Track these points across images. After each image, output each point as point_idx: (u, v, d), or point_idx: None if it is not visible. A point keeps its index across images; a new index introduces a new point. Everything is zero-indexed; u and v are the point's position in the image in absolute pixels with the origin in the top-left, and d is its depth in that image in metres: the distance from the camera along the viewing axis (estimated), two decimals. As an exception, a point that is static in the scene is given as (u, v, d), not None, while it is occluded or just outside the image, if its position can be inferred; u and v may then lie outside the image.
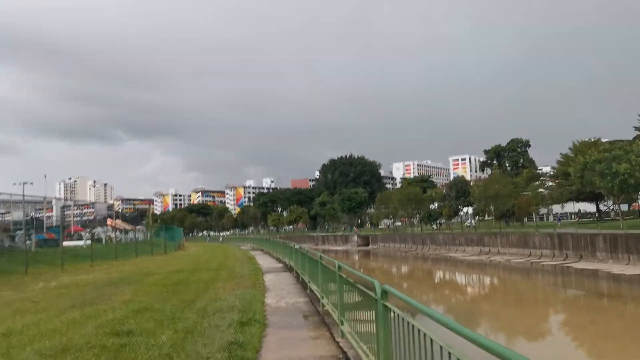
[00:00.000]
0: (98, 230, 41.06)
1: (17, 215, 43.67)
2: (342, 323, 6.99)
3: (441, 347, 2.97)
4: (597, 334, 20.68)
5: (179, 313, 9.33)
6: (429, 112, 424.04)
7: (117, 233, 42.35)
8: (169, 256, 33.99)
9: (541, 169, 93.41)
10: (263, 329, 7.92)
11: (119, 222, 51.08)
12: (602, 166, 44.70)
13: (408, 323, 3.67)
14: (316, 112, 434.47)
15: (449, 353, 2.81)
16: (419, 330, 3.41)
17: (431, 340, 3.14)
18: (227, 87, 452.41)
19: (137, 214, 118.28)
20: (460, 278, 44.92)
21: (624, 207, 74.16)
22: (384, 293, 4.39)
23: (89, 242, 33.48)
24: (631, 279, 33.36)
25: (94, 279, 17.48)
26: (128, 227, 48.11)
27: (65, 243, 33.87)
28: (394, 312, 4.12)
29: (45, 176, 53.33)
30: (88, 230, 40.60)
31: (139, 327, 7.97)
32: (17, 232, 28.83)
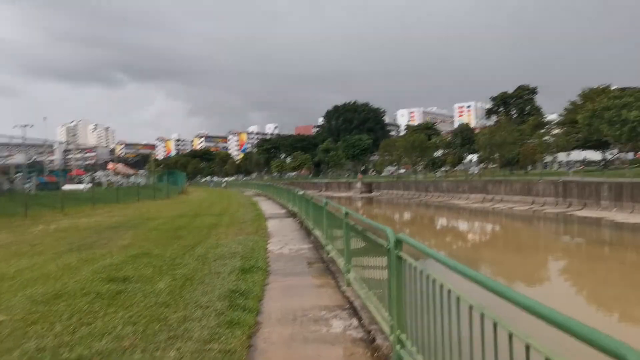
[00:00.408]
0: (99, 174, 40.81)
1: (19, 158, 43.47)
2: (348, 271, 6.63)
3: (458, 299, 2.80)
4: (596, 280, 20.69)
5: (179, 259, 9.01)
6: (434, 59, 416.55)
7: (119, 177, 42.13)
8: (171, 200, 33.80)
9: (547, 117, 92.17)
10: (266, 277, 7.59)
11: (120, 166, 50.81)
12: (611, 113, 43.76)
13: (428, 276, 3.29)
14: (321, 58, 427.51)
15: (470, 305, 2.61)
16: (441, 284, 3.06)
17: (449, 292, 2.91)
18: (231, 31, 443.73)
19: (140, 159, 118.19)
20: (462, 225, 44.90)
21: (629, 155, 73.51)
22: (398, 242, 3.92)
23: (89, 185, 33.28)
24: (634, 227, 33.22)
25: (95, 223, 17.24)
26: (130, 171, 47.87)
27: (66, 187, 33.70)
28: (409, 264, 3.71)
29: (44, 119, 52.44)
30: (89, 174, 40.38)
31: (137, 273, 7.66)
32: (18, 174, 28.54)
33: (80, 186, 33.44)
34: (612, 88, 61.99)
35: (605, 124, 44.67)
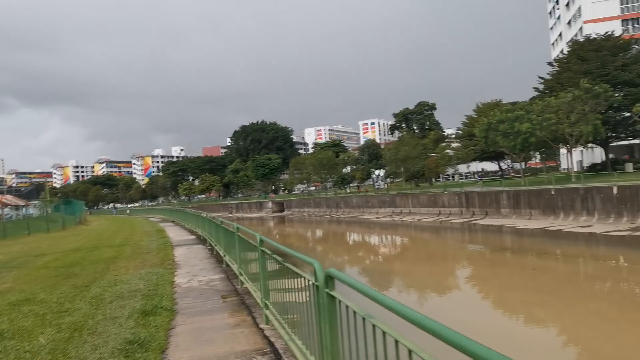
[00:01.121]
0: (-17, 207, 36.83)
1: None
2: (266, 306, 5.87)
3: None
4: (500, 285, 21.44)
5: (68, 303, 7.76)
6: (337, 77, 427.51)
7: (7, 210, 38.26)
8: (67, 232, 31.04)
9: (446, 131, 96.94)
10: (171, 318, 6.61)
11: (9, 198, 46.33)
12: (505, 126, 46.44)
13: (364, 319, 2.73)
14: (225, 77, 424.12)
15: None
16: (383, 332, 2.52)
17: (395, 341, 2.33)
18: (130, 52, 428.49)
19: (34, 188, 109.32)
20: (373, 239, 45.49)
21: (522, 165, 78.86)
22: (329, 279, 3.21)
23: (-29, 221, 29.81)
24: (533, 232, 35.19)
25: (-28, 265, 15.08)
26: (20, 202, 43.74)
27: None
28: (345, 305, 3.02)
29: None
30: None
31: (12, 326, 6.39)
32: None
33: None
34: (504, 102, 66.31)
35: (500, 136, 47.29)
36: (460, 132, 71.48)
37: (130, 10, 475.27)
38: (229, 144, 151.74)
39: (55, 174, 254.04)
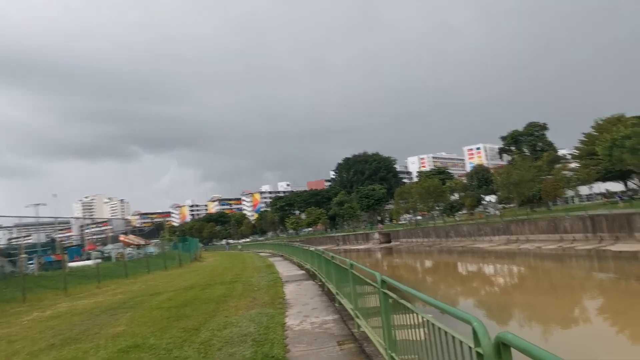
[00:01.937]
0: (109, 247, 39.36)
1: (37, 237, 42.31)
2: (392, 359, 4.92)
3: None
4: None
5: (177, 350, 7.31)
6: (440, 103, 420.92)
7: (130, 249, 40.64)
8: (183, 269, 32.08)
9: (560, 152, 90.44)
10: (283, 370, 5.87)
11: (131, 237, 49.43)
12: (633, 141, 42.06)
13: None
14: (328, 113, 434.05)
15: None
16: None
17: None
18: (239, 96, 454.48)
19: (154, 228, 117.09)
20: (488, 269, 42.55)
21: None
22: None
23: (99, 260, 31.77)
24: (675, 258, 30.95)
25: (94, 304, 15.59)
26: (142, 241, 46.44)
27: (73, 263, 32.22)
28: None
29: (54, 196, 51.74)
30: (97, 248, 39.01)
31: (119, 378, 5.98)
32: (22, 255, 27.16)
33: (89, 262, 31.92)
34: (627, 117, 60.52)
35: (628, 153, 42.87)
36: (578, 152, 66.03)
37: (239, 64, 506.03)
38: (333, 176, 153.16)
39: (173, 213, 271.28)
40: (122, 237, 49.47)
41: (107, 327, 10.39)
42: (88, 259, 32.06)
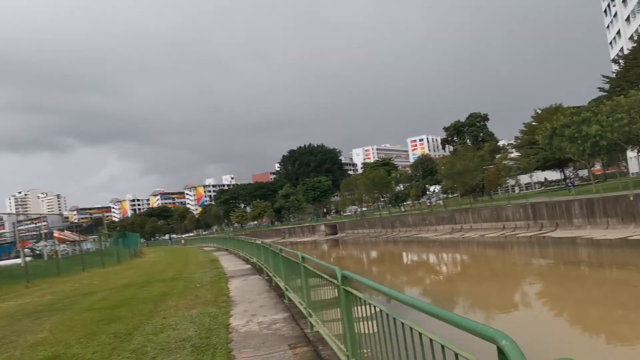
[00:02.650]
0: (41, 244, 36.87)
1: None
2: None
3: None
4: (580, 302, 19.01)
5: (103, 361, 6.31)
6: (384, 95, 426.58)
7: (64, 246, 38.23)
8: (122, 266, 30.36)
9: (500, 142, 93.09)
10: (228, 383, 5.02)
11: (67, 233, 46.66)
12: (572, 130, 43.32)
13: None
14: (271, 105, 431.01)
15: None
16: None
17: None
18: (179, 88, 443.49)
19: (93, 223, 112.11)
20: (433, 258, 42.99)
21: (584, 172, 74.19)
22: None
23: (29, 258, 29.54)
24: (612, 243, 32.02)
25: (18, 307, 14.11)
26: (77, 237, 43.87)
27: (1, 262, 29.92)
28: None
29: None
30: (29, 245, 36.48)
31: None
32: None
33: (18, 260, 29.60)
34: (565, 107, 62.68)
35: (567, 142, 44.17)
36: (519, 141, 67.99)
37: (176, 47, 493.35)
38: (278, 169, 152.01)
39: (114, 208, 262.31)
40: (56, 233, 46.60)
41: (27, 333, 9.16)
42: (17, 257, 29.70)
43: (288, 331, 7.23)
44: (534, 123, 63.47)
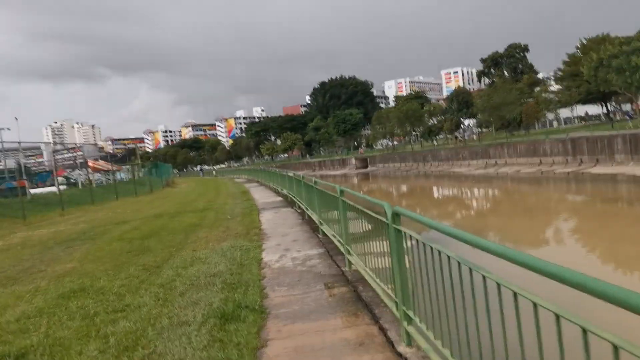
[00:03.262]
0: (76, 172, 37.42)
1: (8, 163, 39.78)
2: (407, 319, 3.64)
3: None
4: (616, 240, 18.21)
5: (130, 296, 5.97)
6: (416, 26, 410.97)
7: (98, 175, 38.79)
8: (154, 196, 30.61)
9: (540, 75, 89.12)
10: (260, 326, 4.55)
11: (101, 163, 47.35)
12: (620, 61, 40.72)
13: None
14: (304, 37, 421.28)
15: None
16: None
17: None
18: (210, 18, 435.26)
19: (126, 154, 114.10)
20: (465, 193, 42.14)
21: (626, 107, 70.67)
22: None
23: (63, 187, 30.01)
24: (656, 179, 30.69)
25: (52, 234, 14.14)
26: (111, 167, 44.44)
27: (37, 190, 30.45)
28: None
29: (16, 119, 48.91)
30: (64, 174, 37.05)
31: (47, 339, 4.62)
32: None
33: (53, 188, 30.07)
34: (612, 36, 58.84)
35: (613, 73, 41.67)
36: (561, 73, 64.70)
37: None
38: (309, 102, 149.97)
39: (147, 139, 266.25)
40: (90, 163, 47.28)
41: (57, 263, 9.00)
42: (52, 185, 30.15)
43: (324, 268, 6.75)
44: (578, 54, 60.03)
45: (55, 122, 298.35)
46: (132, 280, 6.83)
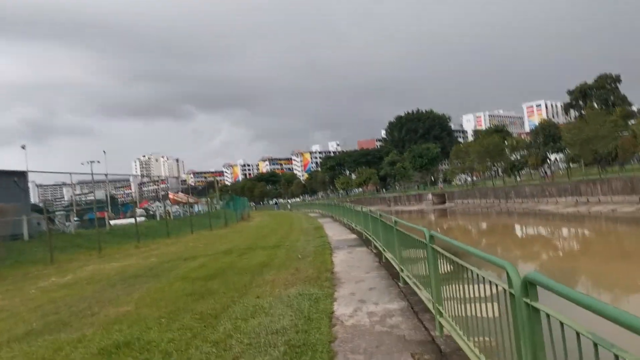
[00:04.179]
0: (155, 205, 38.27)
1: (98, 194, 41.94)
2: None
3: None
4: None
5: (177, 354, 5.05)
6: (496, 58, 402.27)
7: (176, 207, 39.46)
8: (228, 230, 30.41)
9: (634, 107, 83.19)
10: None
11: (180, 195, 48.48)
12: None
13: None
14: (379, 69, 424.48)
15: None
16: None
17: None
18: (290, 53, 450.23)
19: (206, 186, 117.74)
20: (553, 233, 38.86)
21: None
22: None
23: (142, 219, 30.54)
24: None
25: (120, 269, 13.80)
26: (190, 199, 45.33)
27: (118, 221, 31.18)
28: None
29: (104, 152, 51.66)
30: (145, 206, 37.99)
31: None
32: (58, 213, 26.09)
33: (132, 220, 30.70)
34: None
35: None
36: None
37: (290, 13, 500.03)
38: (384, 136, 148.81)
39: (226, 172, 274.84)
40: (171, 195, 48.56)
41: (113, 304, 8.34)
42: (132, 217, 30.79)
43: (408, 330, 5.52)
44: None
45: (144, 156, 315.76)
46: (184, 333, 5.93)
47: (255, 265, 11.73)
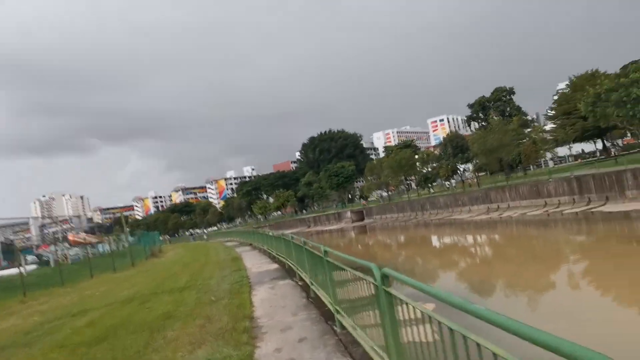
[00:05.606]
0: (50, 249, 34.24)
1: None
2: None
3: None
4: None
5: None
6: (400, 78, 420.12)
7: (76, 249, 35.59)
8: (135, 270, 27.40)
9: (528, 116, 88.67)
10: None
11: (82, 235, 44.22)
12: (619, 94, 39.17)
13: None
14: (288, 94, 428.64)
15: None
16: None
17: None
18: (197, 82, 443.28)
19: (112, 223, 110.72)
20: (468, 241, 39.38)
21: (620, 142, 69.39)
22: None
23: (33, 266, 26.84)
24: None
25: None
26: (93, 239, 41.34)
27: (3, 272, 27.26)
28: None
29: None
30: (42, 251, 33.91)
31: None
32: None
33: (21, 269, 26.85)
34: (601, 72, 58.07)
35: (613, 107, 40.06)
36: (554, 112, 63.46)
37: (189, 39, 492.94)
38: (299, 157, 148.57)
39: (136, 206, 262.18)
40: (70, 236, 44.20)
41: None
42: (20, 265, 26.89)
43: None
44: (568, 93, 59.05)
45: (44, 196, 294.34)
46: None
47: (156, 318, 9.63)
